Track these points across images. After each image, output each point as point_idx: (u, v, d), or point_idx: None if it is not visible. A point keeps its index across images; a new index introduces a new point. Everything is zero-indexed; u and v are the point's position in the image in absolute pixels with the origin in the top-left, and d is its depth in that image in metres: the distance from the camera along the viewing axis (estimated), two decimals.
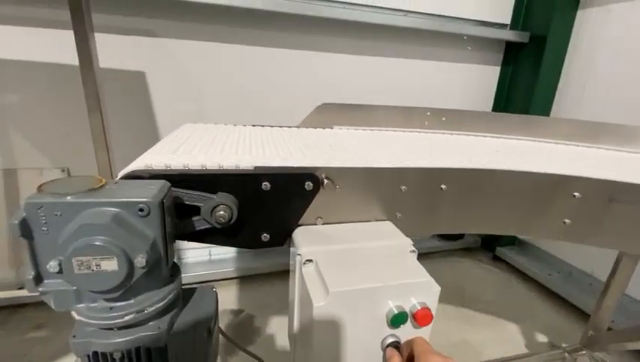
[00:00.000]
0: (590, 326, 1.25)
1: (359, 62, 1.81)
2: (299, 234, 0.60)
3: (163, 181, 0.45)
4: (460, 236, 2.29)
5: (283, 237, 0.61)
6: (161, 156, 0.58)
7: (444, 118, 1.18)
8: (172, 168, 0.53)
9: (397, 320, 0.48)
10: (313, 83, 1.77)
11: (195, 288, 0.53)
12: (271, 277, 1.89)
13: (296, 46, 1.69)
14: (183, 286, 0.53)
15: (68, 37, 1.08)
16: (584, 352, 1.25)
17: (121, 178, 0.50)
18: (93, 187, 0.39)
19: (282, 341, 1.45)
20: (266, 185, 0.55)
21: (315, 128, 1.10)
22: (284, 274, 1.95)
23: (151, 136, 1.63)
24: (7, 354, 1.30)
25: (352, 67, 1.80)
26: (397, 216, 0.68)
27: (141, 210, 0.38)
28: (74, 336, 0.41)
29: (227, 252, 1.92)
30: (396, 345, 0.50)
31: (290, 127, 1.08)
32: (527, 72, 1.93)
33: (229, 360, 1.33)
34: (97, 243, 0.35)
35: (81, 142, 1.49)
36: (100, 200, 0.38)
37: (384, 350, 0.50)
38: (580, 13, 1.81)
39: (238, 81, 1.66)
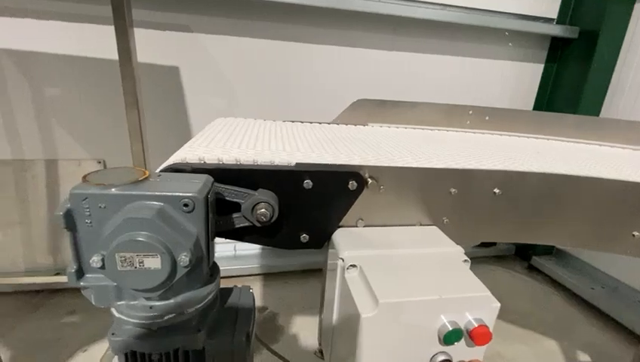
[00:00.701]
0: (637, 356, 1.14)
1: (393, 59, 1.74)
2: (339, 236, 0.56)
3: (206, 175, 0.43)
4: (493, 243, 2.17)
5: (323, 239, 0.57)
6: (204, 149, 0.57)
7: (487, 117, 1.11)
8: (215, 162, 0.51)
9: (451, 337, 0.43)
10: (346, 79, 1.72)
11: (232, 288, 0.51)
12: (296, 275, 1.87)
13: (330, 41, 1.66)
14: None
15: (107, 32, 1.10)
16: None
17: (163, 170, 0.49)
18: (138, 179, 0.37)
19: (306, 341, 1.43)
20: (307, 183, 0.52)
21: (349, 125, 1.06)
22: (309, 272, 1.92)
23: (183, 130, 1.65)
24: (42, 337, 1.36)
25: (386, 63, 1.74)
26: (444, 221, 0.63)
27: (186, 205, 0.36)
28: (112, 334, 0.39)
29: (252, 248, 1.92)
30: None
31: (321, 123, 1.04)
32: (574, 71, 1.79)
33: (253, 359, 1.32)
34: (141, 238, 0.33)
35: (117, 135, 1.53)
36: (145, 193, 0.36)
37: None
38: (637, 6, 1.66)
39: (269, 76, 1.64)
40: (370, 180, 0.56)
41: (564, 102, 1.84)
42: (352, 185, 0.54)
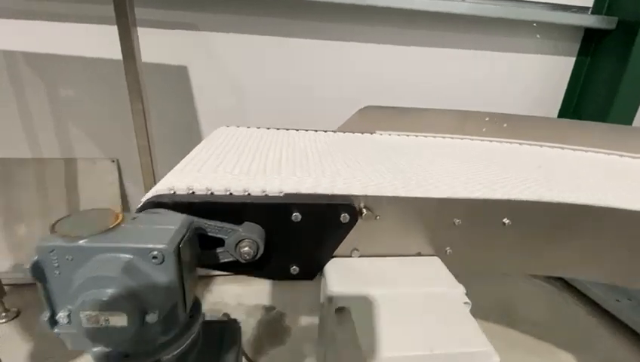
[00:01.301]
0: None
1: (410, 53, 1.66)
2: (332, 268, 0.53)
3: (184, 216, 0.41)
4: None
5: (314, 271, 0.55)
6: (185, 176, 0.55)
7: (505, 125, 1.03)
8: (196, 194, 0.49)
9: None
10: (358, 76, 1.66)
11: (218, 322, 0.49)
12: None
13: (341, 37, 1.59)
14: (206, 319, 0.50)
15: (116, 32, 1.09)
16: None
17: (145, 203, 0.47)
18: (108, 227, 0.36)
19: (313, 343, 1.43)
20: (296, 216, 0.49)
21: (356, 133, 1.02)
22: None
23: (193, 130, 1.65)
24: None
25: (402, 59, 1.66)
26: (447, 251, 0.58)
27: (155, 257, 0.34)
28: None
29: None
30: None
31: (327, 131, 1.00)
32: (610, 65, 1.64)
33: None
34: (106, 298, 0.32)
35: (130, 134, 1.55)
36: (112, 246, 0.34)
37: None
38: None
39: (279, 75, 1.60)
40: (365, 210, 0.53)
41: (597, 101, 1.70)
42: (345, 217, 0.51)
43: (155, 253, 0.34)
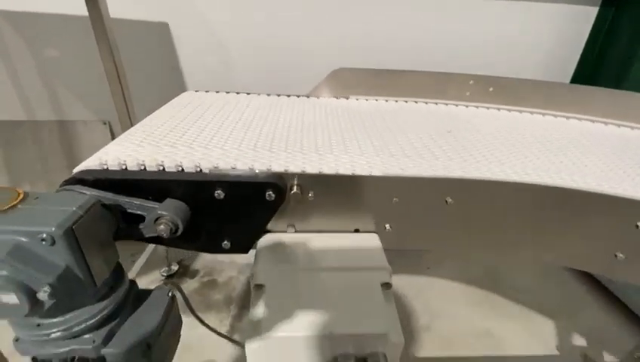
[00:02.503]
0: None
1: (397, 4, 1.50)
2: (262, 244, 0.54)
3: (87, 196, 0.41)
4: None
5: (246, 245, 0.55)
6: (123, 149, 0.55)
7: (491, 89, 0.95)
8: (112, 170, 0.49)
9: None
10: (345, 33, 1.54)
11: (150, 291, 0.52)
12: None
13: None
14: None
15: None
16: None
17: (67, 180, 0.48)
18: (2, 209, 0.36)
19: None
20: (219, 194, 0.49)
21: (330, 98, 0.97)
22: None
23: (177, 89, 1.62)
24: None
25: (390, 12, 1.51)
26: (385, 228, 0.57)
27: (43, 239, 0.35)
28: (16, 340, 0.43)
29: None
30: None
31: (299, 96, 0.96)
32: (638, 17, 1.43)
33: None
34: None
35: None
36: (1, 228, 0.35)
37: None
38: None
39: (264, 31, 1.51)
40: (295, 188, 0.51)
41: (619, 60, 1.52)
42: (270, 195, 0.50)
43: (44, 235, 0.35)
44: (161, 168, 0.50)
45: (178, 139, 0.59)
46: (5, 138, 1.62)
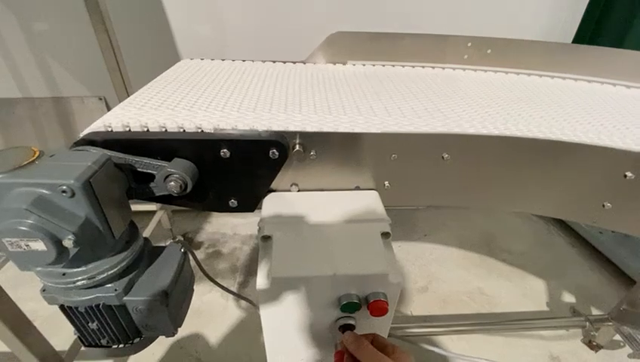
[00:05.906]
0: (627, 300, 1.13)
1: None
2: (267, 202, 0.56)
3: (100, 153, 0.43)
4: None
5: (252, 204, 0.58)
6: (135, 111, 0.56)
7: (489, 51, 0.94)
8: (122, 132, 0.50)
9: (347, 308, 0.46)
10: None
11: (163, 247, 0.55)
12: None
13: None
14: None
15: None
16: (610, 324, 1.15)
17: (77, 141, 0.49)
18: (21, 164, 0.38)
19: None
20: (224, 153, 0.51)
21: (327, 64, 0.96)
22: None
23: (171, 59, 1.59)
24: None
25: None
26: (385, 185, 0.60)
27: (64, 191, 0.37)
28: (43, 290, 0.46)
29: None
30: (349, 328, 0.48)
31: (295, 62, 0.95)
32: None
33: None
34: (19, 227, 0.36)
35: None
36: (21, 181, 0.37)
37: (339, 331, 0.49)
38: None
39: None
40: (298, 147, 0.53)
41: (622, 18, 1.49)
42: (274, 154, 0.52)
43: (64, 187, 0.37)
44: (164, 130, 0.52)
45: (178, 103, 0.60)
46: (1, 116, 1.61)
